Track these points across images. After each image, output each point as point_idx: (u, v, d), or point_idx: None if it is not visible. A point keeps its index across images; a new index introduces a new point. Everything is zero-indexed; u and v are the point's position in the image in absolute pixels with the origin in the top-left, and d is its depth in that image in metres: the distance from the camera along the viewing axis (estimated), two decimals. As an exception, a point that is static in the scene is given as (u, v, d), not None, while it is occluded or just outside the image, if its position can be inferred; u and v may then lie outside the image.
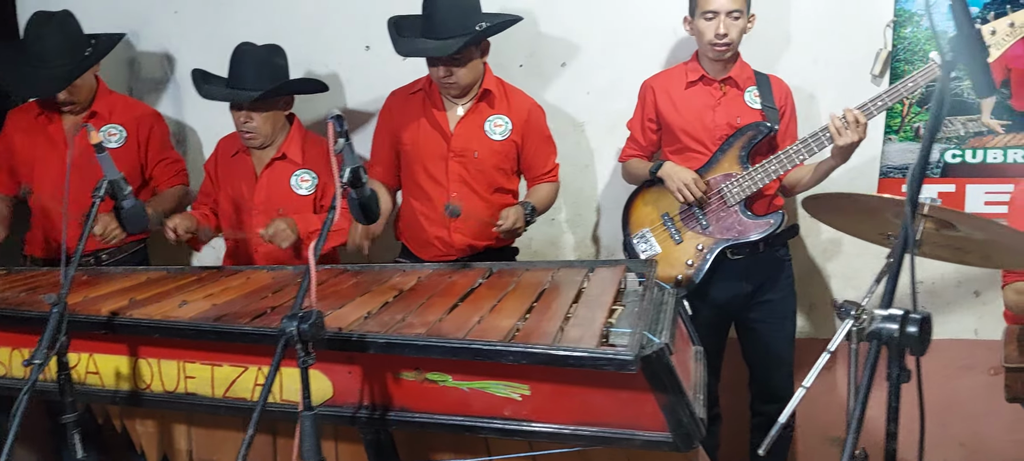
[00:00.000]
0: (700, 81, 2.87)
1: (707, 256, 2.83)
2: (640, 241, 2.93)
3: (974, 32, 1.54)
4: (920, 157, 1.46)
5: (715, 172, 2.85)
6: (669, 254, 2.89)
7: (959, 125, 3.12)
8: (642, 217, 2.96)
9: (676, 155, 2.91)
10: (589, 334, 1.91)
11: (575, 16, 3.25)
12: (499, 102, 2.84)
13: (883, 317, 1.34)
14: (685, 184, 2.77)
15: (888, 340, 1.33)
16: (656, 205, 2.93)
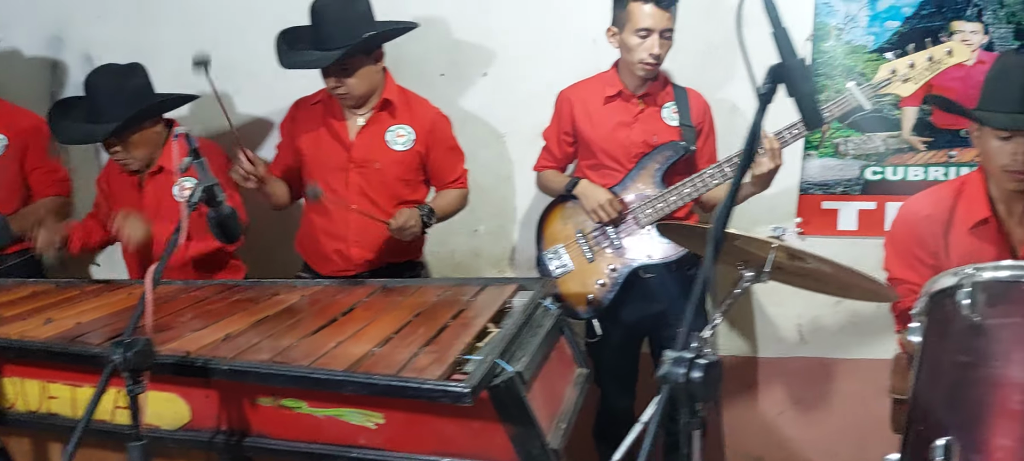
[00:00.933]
0: (618, 96, 2.80)
1: (619, 277, 2.79)
2: (553, 257, 2.89)
3: (799, 62, 1.50)
4: (728, 196, 1.41)
5: (630, 191, 2.79)
6: (582, 272, 2.84)
7: (880, 142, 3.06)
8: (556, 233, 2.91)
9: (592, 170, 2.85)
10: (439, 363, 1.87)
11: (497, 25, 3.21)
12: (401, 112, 2.79)
13: (672, 360, 1.30)
14: (601, 205, 2.72)
15: (675, 384, 1.28)
16: (570, 222, 2.88)
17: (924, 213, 2.23)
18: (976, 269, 1.46)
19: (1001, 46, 2.91)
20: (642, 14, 2.63)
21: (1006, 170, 2.05)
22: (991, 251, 2.18)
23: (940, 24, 2.93)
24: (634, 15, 2.64)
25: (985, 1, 2.90)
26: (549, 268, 2.89)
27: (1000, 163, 2.05)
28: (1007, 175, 2.06)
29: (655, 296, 2.83)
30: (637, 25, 2.64)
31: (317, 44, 2.58)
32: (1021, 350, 1.35)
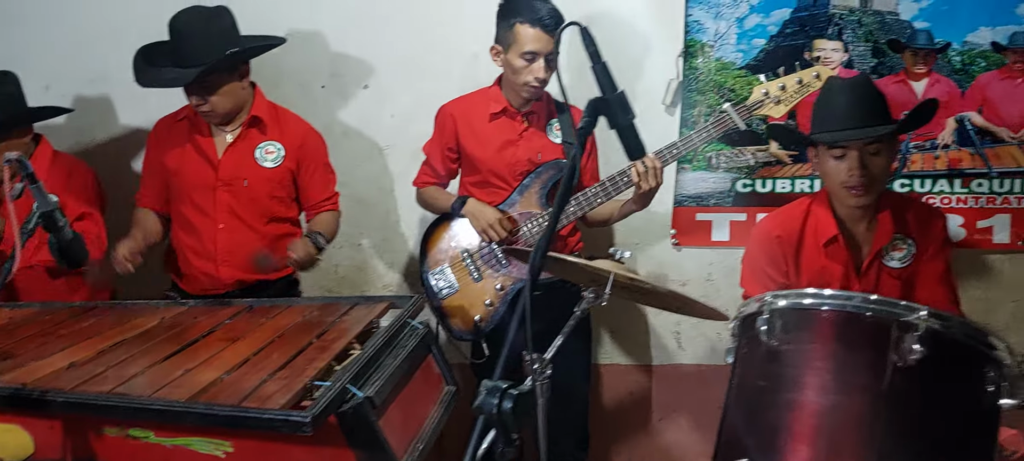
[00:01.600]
0: (503, 114, 2.78)
1: (506, 295, 2.77)
2: (438, 278, 2.85)
3: (618, 96, 1.53)
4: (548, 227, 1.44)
5: (515, 209, 2.78)
6: (468, 292, 2.81)
7: (749, 155, 3.16)
8: (441, 252, 2.86)
9: (477, 188, 2.83)
10: (286, 390, 1.85)
11: (377, 38, 3.19)
12: (271, 128, 2.75)
13: (487, 390, 1.32)
14: (491, 224, 2.70)
15: (489, 415, 1.30)
16: (456, 240, 2.84)
17: (775, 234, 2.31)
18: (774, 296, 1.52)
19: (860, 63, 3.04)
20: (528, 37, 2.61)
21: (844, 186, 2.14)
22: (839, 269, 2.27)
23: (804, 42, 3.05)
24: (520, 38, 2.63)
25: (845, 21, 3.03)
26: (434, 288, 2.84)
27: (838, 181, 2.14)
28: (846, 192, 2.14)
29: (542, 314, 2.81)
30: (523, 48, 2.62)
31: (177, 61, 2.51)
32: (813, 375, 1.42)
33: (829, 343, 1.45)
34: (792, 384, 1.44)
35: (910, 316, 1.39)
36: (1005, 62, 2.99)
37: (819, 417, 1.40)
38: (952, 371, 1.41)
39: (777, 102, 2.65)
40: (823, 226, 2.27)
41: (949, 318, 1.41)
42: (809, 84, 2.62)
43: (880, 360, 1.38)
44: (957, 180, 3.09)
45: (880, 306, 1.43)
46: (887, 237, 2.24)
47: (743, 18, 3.06)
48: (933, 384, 1.39)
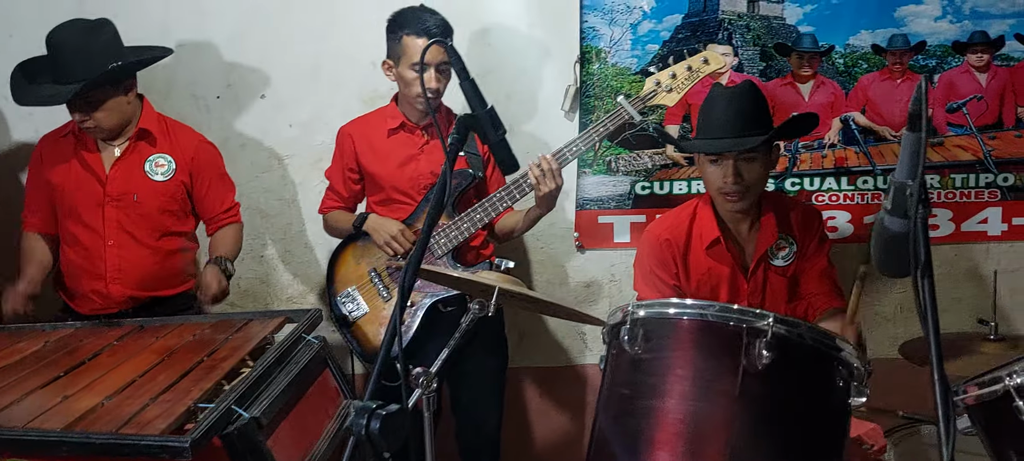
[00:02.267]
0: (401, 129, 2.76)
1: (417, 312, 2.72)
2: (346, 301, 2.79)
3: (487, 112, 1.55)
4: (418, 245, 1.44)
5: (420, 222, 2.74)
6: (378, 313, 2.77)
7: (647, 158, 3.23)
8: (348, 274, 2.81)
9: (381, 206, 2.80)
10: (168, 414, 1.82)
11: (273, 47, 3.14)
12: (160, 141, 2.69)
13: (357, 410, 1.32)
14: (392, 237, 2.67)
15: (358, 435, 1.30)
16: (363, 261, 2.80)
17: (663, 237, 2.36)
18: (636, 306, 1.57)
19: (749, 67, 3.14)
20: (416, 48, 2.59)
21: (720, 192, 2.20)
22: (726, 270, 2.34)
23: (695, 47, 3.12)
24: (409, 49, 2.62)
25: (734, 26, 3.12)
26: (343, 312, 2.79)
27: (715, 187, 2.21)
28: (721, 197, 2.21)
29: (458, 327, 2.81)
30: (413, 59, 2.61)
31: (57, 77, 2.44)
32: (673, 383, 1.46)
33: (687, 351, 1.50)
34: (653, 391, 1.48)
35: (759, 323, 1.44)
36: (885, 64, 3.11)
37: (679, 423, 1.44)
38: (801, 373, 1.48)
39: (669, 90, 2.68)
40: (706, 229, 2.34)
41: (796, 323, 1.48)
42: (698, 70, 2.67)
43: (733, 365, 1.44)
44: (843, 178, 3.21)
45: (733, 314, 1.48)
46: (772, 238, 2.32)
47: (637, 24, 3.12)
48: (783, 386, 1.45)
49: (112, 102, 2.52)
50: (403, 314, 1.34)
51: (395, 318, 1.34)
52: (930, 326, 1.26)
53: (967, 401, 1.59)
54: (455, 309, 2.73)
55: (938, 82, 3.12)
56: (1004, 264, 3.19)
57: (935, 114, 3.14)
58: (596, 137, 2.70)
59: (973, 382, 1.60)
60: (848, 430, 1.52)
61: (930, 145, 3.16)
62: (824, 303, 2.30)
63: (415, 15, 2.63)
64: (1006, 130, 3.13)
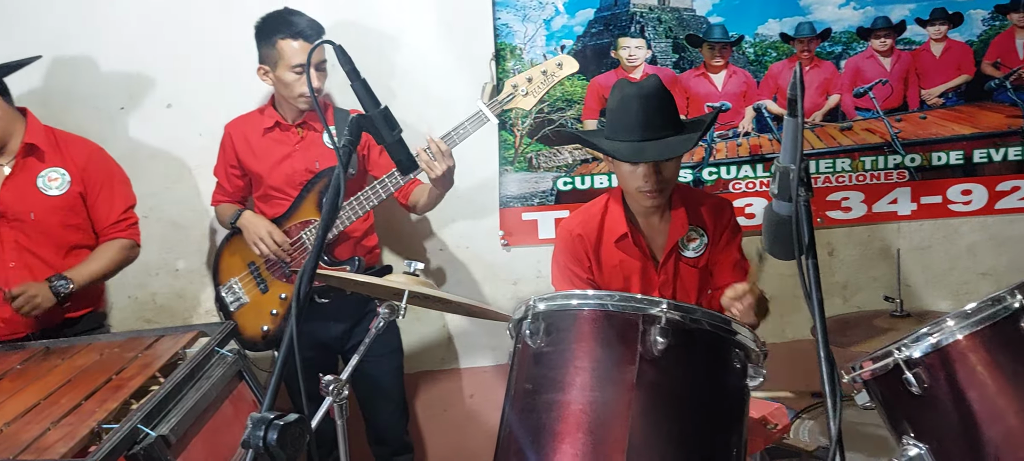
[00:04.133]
0: (276, 127, 2.82)
1: (291, 305, 2.76)
2: (228, 292, 2.88)
3: (380, 113, 1.53)
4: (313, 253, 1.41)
5: (296, 219, 2.80)
6: (256, 304, 2.84)
7: (567, 154, 3.24)
8: (229, 267, 2.89)
9: (262, 201, 2.87)
10: (69, 437, 1.75)
11: (178, 57, 3.07)
12: (50, 154, 2.61)
13: (254, 422, 1.28)
14: (260, 237, 2.74)
15: (256, 448, 1.27)
16: (242, 254, 2.87)
17: (576, 232, 2.37)
18: (536, 300, 1.57)
19: (663, 59, 3.17)
20: (293, 51, 2.66)
21: (639, 191, 2.22)
22: (637, 263, 2.36)
23: (608, 41, 3.14)
24: (285, 53, 2.67)
25: (645, 19, 3.15)
26: (226, 304, 2.87)
27: (633, 186, 2.22)
28: (640, 195, 2.23)
29: (336, 318, 2.85)
30: (291, 62, 2.66)
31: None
32: (574, 375, 1.46)
33: (587, 342, 1.49)
34: (554, 385, 1.48)
35: (653, 309, 1.45)
36: (793, 52, 3.18)
37: (580, 414, 1.44)
38: (698, 357, 1.49)
39: (525, 94, 2.73)
40: (615, 224, 2.35)
41: (691, 309, 1.49)
42: (552, 74, 2.72)
43: (630, 354, 1.44)
44: (758, 165, 3.27)
45: (626, 302, 1.49)
46: (682, 230, 2.35)
47: (550, 20, 3.13)
48: (679, 371, 1.46)
49: None
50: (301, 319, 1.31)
51: (292, 328, 1.30)
52: (815, 305, 1.28)
53: (864, 376, 1.63)
54: (330, 300, 2.79)
55: (845, 68, 3.20)
56: (915, 242, 3.29)
57: (843, 99, 3.22)
58: (458, 139, 2.70)
59: (869, 358, 1.63)
60: (746, 411, 1.54)
61: (840, 129, 3.24)
62: None
63: (284, 19, 2.68)
64: (911, 112, 3.22)
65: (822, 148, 3.25)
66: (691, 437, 1.45)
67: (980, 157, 3.24)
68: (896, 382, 1.56)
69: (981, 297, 1.57)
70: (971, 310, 1.56)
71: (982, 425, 1.50)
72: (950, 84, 3.19)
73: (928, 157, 3.23)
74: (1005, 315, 1.53)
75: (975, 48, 3.16)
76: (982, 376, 1.52)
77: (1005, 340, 1.53)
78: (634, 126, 2.16)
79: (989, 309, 1.55)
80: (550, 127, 3.21)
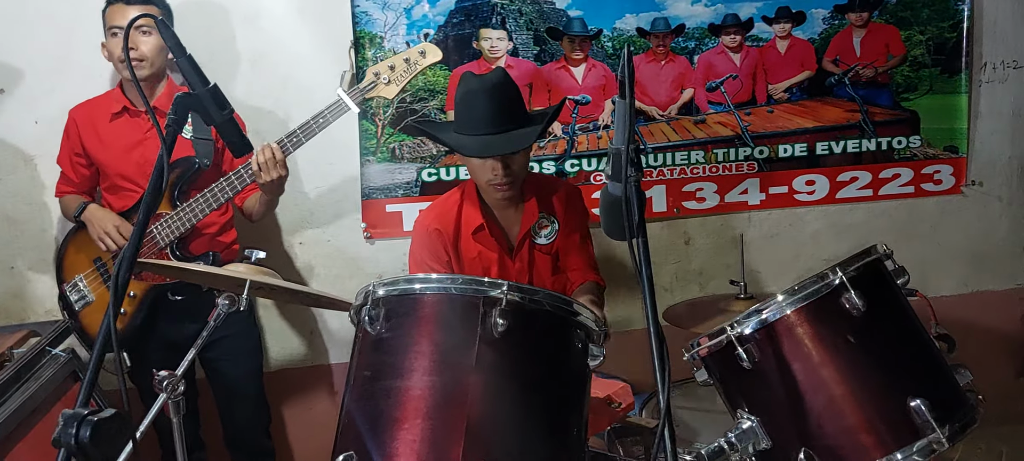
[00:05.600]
0: (124, 113, 2.69)
1: (143, 301, 2.67)
2: (73, 291, 2.72)
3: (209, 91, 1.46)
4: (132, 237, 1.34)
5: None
6: (104, 302, 2.68)
7: (432, 145, 3.21)
8: (74, 263, 2.73)
9: (110, 193, 2.73)
10: None
11: (11, 38, 2.87)
12: None
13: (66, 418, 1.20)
14: (106, 231, 2.60)
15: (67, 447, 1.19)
16: (87, 250, 2.71)
17: (433, 227, 2.37)
18: (375, 285, 1.55)
19: (524, 51, 3.19)
20: (111, 13, 2.61)
21: (490, 184, 2.23)
22: (493, 254, 2.37)
23: (470, 31, 3.14)
24: (106, 17, 2.63)
25: (507, 10, 3.16)
26: (71, 302, 2.70)
27: (484, 179, 2.23)
28: (491, 188, 2.24)
29: (191, 316, 2.69)
30: (109, 24, 2.60)
31: None
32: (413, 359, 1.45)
33: (428, 326, 1.49)
34: (394, 371, 1.46)
35: (494, 292, 1.46)
36: (649, 46, 3.27)
37: (419, 399, 1.43)
38: (538, 338, 1.51)
39: (388, 83, 2.70)
40: (471, 217, 2.37)
41: (532, 290, 1.50)
42: (416, 62, 2.69)
43: (470, 336, 1.44)
44: (618, 156, 3.34)
45: (466, 285, 1.49)
46: (533, 218, 2.38)
47: (410, 9, 3.10)
48: (519, 352, 1.47)
49: None
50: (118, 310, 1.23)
51: (108, 316, 1.23)
52: (644, 282, 1.31)
53: (701, 353, 1.68)
54: (185, 297, 2.70)
55: (698, 63, 3.31)
56: (764, 230, 3.44)
57: (697, 93, 3.33)
58: (317, 128, 2.63)
59: (705, 336, 1.69)
60: (588, 390, 1.56)
61: (694, 122, 3.35)
62: (579, 277, 2.41)
63: None
64: (759, 106, 3.37)
65: (677, 141, 3.35)
66: (531, 417, 1.46)
67: (822, 149, 3.42)
68: (730, 358, 1.62)
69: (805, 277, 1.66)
70: (797, 287, 1.64)
71: (806, 395, 1.58)
72: (794, 80, 3.35)
73: (775, 149, 3.39)
74: (827, 291, 1.62)
75: (816, 45, 3.34)
76: (806, 349, 1.61)
77: (826, 315, 1.62)
78: (480, 120, 2.17)
79: (813, 285, 1.63)
80: (413, 117, 3.18)
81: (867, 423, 1.56)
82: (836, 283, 1.62)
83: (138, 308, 2.66)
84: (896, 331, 1.67)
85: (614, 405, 1.89)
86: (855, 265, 1.64)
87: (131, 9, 2.55)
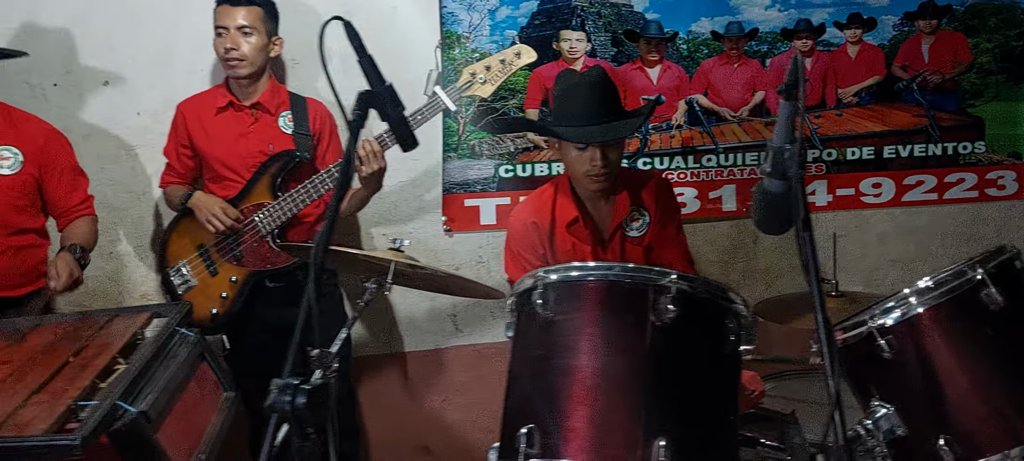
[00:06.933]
0: (229, 107, 2.81)
1: (243, 287, 2.79)
2: (176, 275, 2.85)
3: (386, 89, 1.57)
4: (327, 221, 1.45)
5: (248, 201, 2.80)
6: (206, 287, 2.82)
7: (510, 142, 3.32)
8: (178, 249, 2.86)
9: (213, 183, 2.85)
10: (47, 414, 1.72)
11: (117, 30, 2.99)
12: (4, 132, 2.52)
13: (278, 388, 1.31)
14: (214, 214, 2.72)
15: (282, 412, 1.30)
16: (192, 236, 2.84)
17: (531, 220, 2.46)
18: (546, 271, 1.65)
19: (602, 52, 3.29)
20: (218, 13, 2.74)
21: (587, 176, 2.33)
22: (586, 247, 2.47)
23: (551, 33, 3.24)
24: (214, 17, 2.75)
25: (586, 13, 3.26)
26: (174, 287, 2.84)
27: (582, 171, 2.33)
28: (588, 179, 2.34)
29: (287, 302, 2.84)
30: (216, 23, 2.73)
31: None
32: (585, 341, 1.56)
33: (596, 310, 1.59)
34: (567, 350, 1.57)
35: (662, 280, 1.56)
36: (723, 49, 3.36)
37: (592, 378, 1.54)
38: (700, 325, 1.61)
39: (483, 82, 2.82)
40: (566, 210, 2.46)
41: (694, 278, 1.61)
42: (511, 62, 2.81)
43: (641, 322, 1.55)
44: (689, 156, 3.44)
45: (636, 273, 1.60)
46: (625, 211, 2.47)
47: (494, 10, 3.20)
48: (685, 339, 1.58)
49: None
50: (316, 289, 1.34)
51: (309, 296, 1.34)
52: (813, 273, 1.40)
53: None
54: (282, 284, 2.81)
55: (770, 66, 3.40)
56: (831, 231, 3.51)
57: (768, 96, 3.42)
58: (415, 125, 2.75)
59: (837, 327, 1.79)
60: (740, 376, 1.66)
61: (764, 124, 3.44)
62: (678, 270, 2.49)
63: None
64: (829, 109, 3.45)
65: (748, 141, 3.44)
66: (697, 399, 1.57)
67: (889, 153, 3.50)
68: (868, 348, 1.72)
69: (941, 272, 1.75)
70: (935, 283, 1.73)
71: (945, 386, 1.68)
72: (864, 84, 3.44)
73: (843, 152, 3.48)
74: (967, 287, 1.72)
75: (886, 51, 3.43)
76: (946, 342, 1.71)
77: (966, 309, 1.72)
78: (582, 113, 2.28)
79: (953, 281, 1.73)
80: (492, 115, 3.28)
81: (1004, 412, 1.65)
82: (977, 279, 1.71)
83: (239, 293, 2.79)
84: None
85: (748, 393, 1.99)
86: (993, 262, 1.74)
87: (232, 12, 2.69)
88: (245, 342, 2.76)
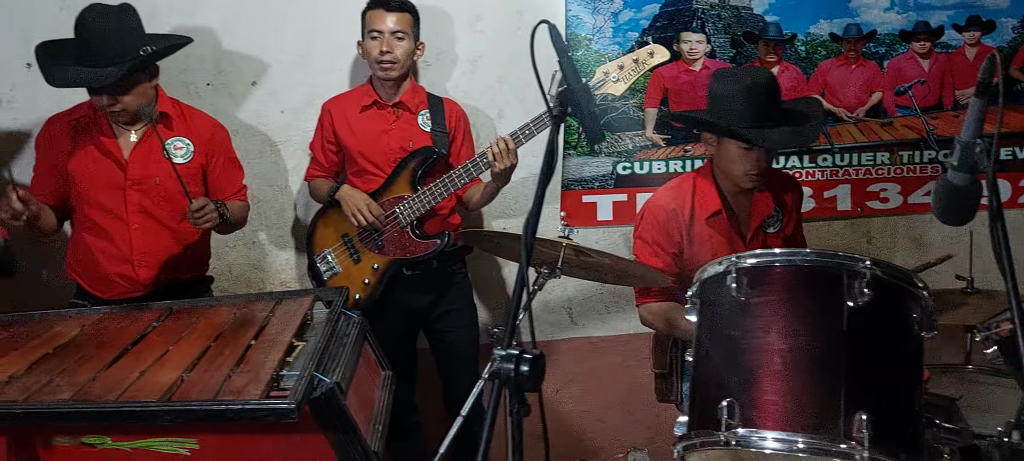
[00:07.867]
0: (373, 105, 2.98)
1: (383, 274, 2.95)
2: (322, 262, 3.02)
3: (584, 86, 1.69)
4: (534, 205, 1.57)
5: (389, 194, 2.95)
6: (349, 273, 2.99)
7: (628, 140, 3.42)
8: (324, 238, 3.03)
9: (355, 176, 3.00)
10: (256, 381, 1.88)
11: (263, 33, 3.17)
12: (177, 124, 2.72)
13: (501, 357, 1.44)
14: (359, 209, 2.88)
15: (506, 379, 1.42)
16: (336, 226, 3.00)
17: (670, 207, 2.55)
18: (739, 257, 1.76)
19: (721, 53, 3.38)
20: (371, 17, 2.88)
21: (747, 174, 2.41)
22: (723, 240, 2.55)
23: (672, 35, 3.34)
24: (366, 21, 2.90)
25: (706, 15, 3.35)
26: (320, 272, 3.01)
27: (742, 170, 2.41)
28: (747, 177, 2.42)
29: (422, 290, 3.02)
30: (369, 27, 2.88)
31: (86, 60, 2.42)
32: (778, 321, 1.66)
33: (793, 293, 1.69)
34: (761, 330, 1.68)
35: (857, 265, 1.66)
36: (841, 51, 3.41)
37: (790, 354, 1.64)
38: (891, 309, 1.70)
39: (616, 80, 2.89)
40: (708, 201, 2.55)
41: (886, 264, 1.70)
42: (644, 61, 2.88)
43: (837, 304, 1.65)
44: (805, 156, 3.50)
45: (826, 258, 1.72)
46: (768, 209, 2.56)
47: (618, 13, 3.31)
48: (880, 321, 1.68)
49: (141, 87, 2.53)
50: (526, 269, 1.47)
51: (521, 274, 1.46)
52: (1006, 263, 1.48)
53: (1001, 333, 1.85)
54: (418, 273, 2.97)
55: (888, 67, 3.45)
56: (945, 231, 3.54)
57: (885, 97, 3.46)
58: (548, 121, 2.85)
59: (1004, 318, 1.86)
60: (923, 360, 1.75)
61: (881, 125, 3.48)
62: None
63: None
64: (945, 111, 3.48)
65: (864, 142, 3.49)
66: (891, 382, 1.66)
67: (1005, 154, 3.51)
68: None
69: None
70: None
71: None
72: (982, 86, 3.45)
73: (960, 153, 3.49)
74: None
75: (1005, 53, 3.44)
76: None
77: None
78: (758, 114, 2.34)
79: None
80: (612, 115, 3.38)
81: None
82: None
83: (379, 280, 2.95)
84: None
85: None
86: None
87: (388, 17, 2.86)
88: (386, 325, 2.92)
